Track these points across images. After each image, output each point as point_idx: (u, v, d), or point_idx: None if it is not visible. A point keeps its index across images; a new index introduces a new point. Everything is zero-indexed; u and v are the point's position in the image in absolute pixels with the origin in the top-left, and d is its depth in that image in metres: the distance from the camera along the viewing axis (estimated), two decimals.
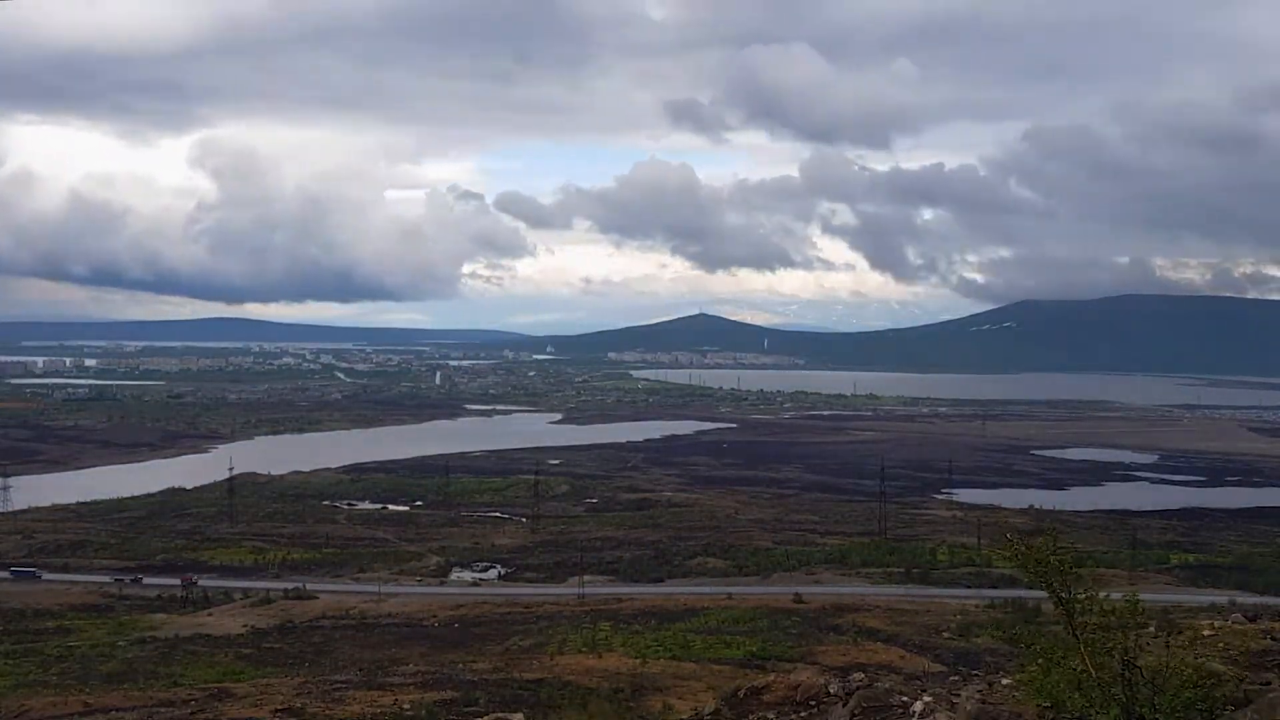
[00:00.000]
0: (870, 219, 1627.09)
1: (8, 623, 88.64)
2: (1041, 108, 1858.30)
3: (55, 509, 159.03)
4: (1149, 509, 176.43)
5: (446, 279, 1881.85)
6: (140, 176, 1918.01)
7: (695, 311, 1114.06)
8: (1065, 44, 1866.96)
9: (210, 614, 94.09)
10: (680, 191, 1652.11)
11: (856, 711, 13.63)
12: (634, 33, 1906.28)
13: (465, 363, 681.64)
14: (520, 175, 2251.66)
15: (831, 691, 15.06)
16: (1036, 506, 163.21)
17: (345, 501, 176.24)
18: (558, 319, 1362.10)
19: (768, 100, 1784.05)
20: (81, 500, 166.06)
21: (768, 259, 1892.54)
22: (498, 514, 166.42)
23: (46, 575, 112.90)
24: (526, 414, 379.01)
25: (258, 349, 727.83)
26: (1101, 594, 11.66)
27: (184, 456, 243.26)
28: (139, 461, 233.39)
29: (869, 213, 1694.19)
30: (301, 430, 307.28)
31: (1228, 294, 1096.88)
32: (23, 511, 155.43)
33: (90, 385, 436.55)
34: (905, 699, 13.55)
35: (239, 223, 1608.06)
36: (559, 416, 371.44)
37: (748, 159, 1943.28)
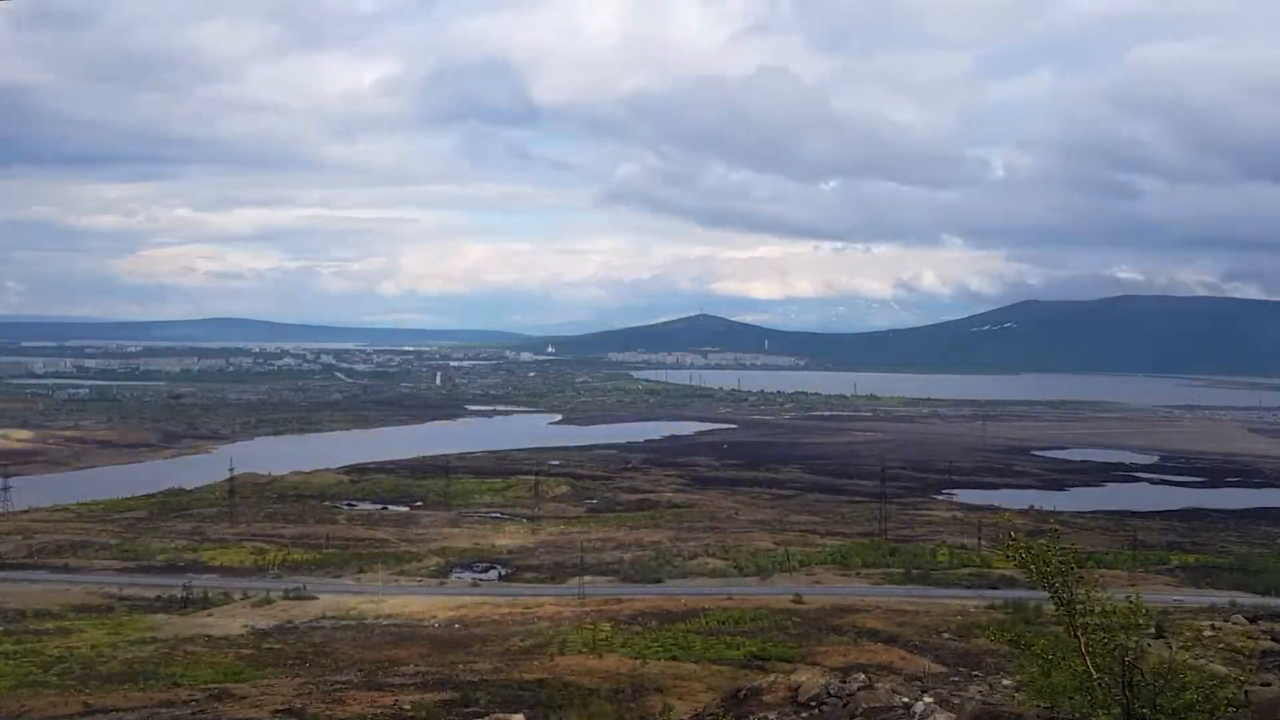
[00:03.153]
0: None
1: (8, 623, 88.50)
2: None
3: (55, 509, 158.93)
4: (1149, 509, 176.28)
5: None
6: None
7: (696, 312, 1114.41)
8: None
9: (210, 615, 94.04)
10: None
11: (857, 712, 13.62)
12: None
13: (466, 363, 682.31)
14: None
15: (832, 692, 15.03)
16: (1036, 507, 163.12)
17: (345, 502, 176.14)
18: (559, 319, 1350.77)
19: None
20: (81, 500, 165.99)
21: None
22: (498, 514, 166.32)
23: (47, 575, 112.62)
24: (527, 414, 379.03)
25: (258, 349, 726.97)
26: (1102, 595, 11.65)
27: (184, 457, 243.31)
28: (139, 461, 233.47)
29: None
30: (302, 431, 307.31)
31: (1227, 295, 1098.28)
32: (23, 511, 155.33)
33: (90, 385, 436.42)
34: (906, 700, 13.54)
35: None
36: (559, 417, 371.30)
37: None
